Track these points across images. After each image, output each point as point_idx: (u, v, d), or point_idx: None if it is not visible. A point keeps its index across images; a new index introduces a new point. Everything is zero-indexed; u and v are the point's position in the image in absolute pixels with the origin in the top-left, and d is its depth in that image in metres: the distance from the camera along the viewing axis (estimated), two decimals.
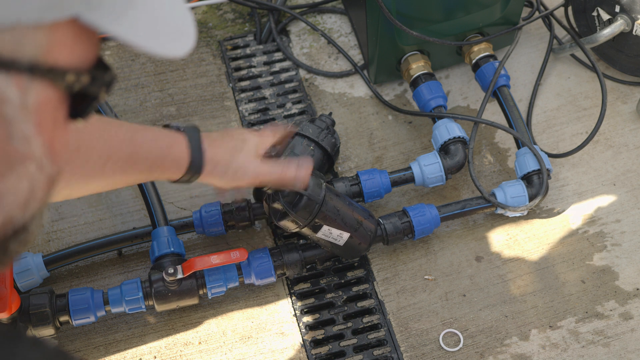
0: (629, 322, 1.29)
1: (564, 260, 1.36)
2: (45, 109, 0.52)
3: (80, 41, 0.52)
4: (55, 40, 0.50)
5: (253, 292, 1.33)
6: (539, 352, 1.26)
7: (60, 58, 0.51)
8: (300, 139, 1.36)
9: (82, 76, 0.53)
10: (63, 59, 0.51)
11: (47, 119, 0.52)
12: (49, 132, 0.53)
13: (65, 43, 0.51)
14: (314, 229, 1.20)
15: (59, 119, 0.54)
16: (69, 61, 0.52)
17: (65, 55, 0.51)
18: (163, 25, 0.54)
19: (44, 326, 1.19)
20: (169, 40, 0.54)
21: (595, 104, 1.55)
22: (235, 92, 1.58)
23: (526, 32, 1.64)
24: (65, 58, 0.51)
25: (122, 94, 1.57)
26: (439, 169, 1.35)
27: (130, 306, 1.22)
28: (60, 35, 0.51)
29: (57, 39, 0.50)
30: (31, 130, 0.51)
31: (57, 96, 0.53)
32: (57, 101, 0.53)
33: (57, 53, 0.51)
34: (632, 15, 1.44)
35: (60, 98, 0.53)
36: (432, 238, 1.38)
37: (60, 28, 0.50)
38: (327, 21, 1.68)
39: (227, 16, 1.70)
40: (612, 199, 1.43)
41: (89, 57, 0.54)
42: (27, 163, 0.52)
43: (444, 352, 1.26)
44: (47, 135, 0.53)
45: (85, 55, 0.53)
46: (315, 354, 1.26)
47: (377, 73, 1.53)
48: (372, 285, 1.34)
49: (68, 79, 0.52)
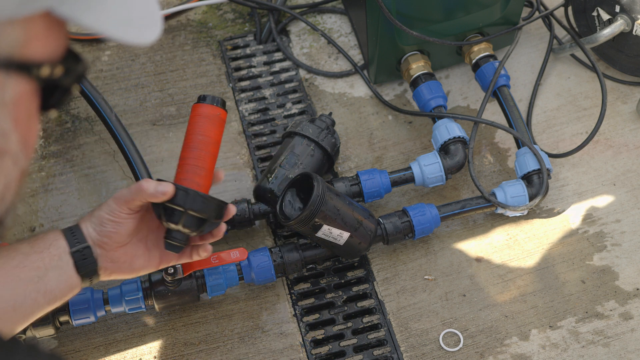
0: (629, 322, 1.29)
1: (564, 260, 1.36)
2: (21, 103, 0.52)
3: (53, 33, 0.53)
4: (30, 34, 0.51)
5: (253, 292, 1.33)
6: (539, 352, 1.26)
7: (35, 51, 0.51)
8: (300, 139, 1.36)
9: (56, 68, 0.53)
10: (38, 52, 0.52)
11: (22, 113, 0.53)
12: (24, 126, 0.53)
13: (39, 36, 0.51)
14: (314, 229, 1.20)
15: (33, 111, 0.54)
16: (43, 54, 0.52)
17: (40, 48, 0.52)
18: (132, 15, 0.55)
19: (44, 326, 1.19)
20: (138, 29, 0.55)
21: (595, 104, 1.55)
22: (235, 92, 1.58)
23: (526, 32, 1.64)
24: (39, 51, 0.52)
25: (122, 94, 1.57)
26: (439, 169, 1.35)
27: (130, 306, 1.22)
28: (34, 29, 0.51)
29: (32, 33, 0.51)
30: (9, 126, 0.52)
31: (32, 89, 0.53)
32: (32, 94, 0.53)
33: (32, 47, 0.51)
34: (632, 15, 1.44)
35: (34, 91, 0.53)
36: (432, 238, 1.38)
37: (34, 22, 0.51)
38: (327, 21, 1.69)
39: (227, 16, 1.70)
40: (612, 199, 1.43)
41: (60, 48, 0.54)
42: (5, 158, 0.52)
43: (444, 352, 1.26)
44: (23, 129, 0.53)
45: (57, 47, 0.54)
46: (315, 354, 1.26)
47: (377, 73, 1.53)
48: (372, 285, 1.34)
49: (43, 71, 0.52)
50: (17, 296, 0.89)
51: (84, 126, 1.52)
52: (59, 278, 0.93)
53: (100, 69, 1.60)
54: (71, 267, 0.94)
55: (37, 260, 0.91)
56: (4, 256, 0.90)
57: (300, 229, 1.20)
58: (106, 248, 0.97)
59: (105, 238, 0.96)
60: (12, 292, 0.89)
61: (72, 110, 1.54)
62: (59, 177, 1.45)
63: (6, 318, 0.89)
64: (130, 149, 1.34)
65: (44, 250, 0.92)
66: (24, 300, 0.90)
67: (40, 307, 0.92)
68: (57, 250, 0.93)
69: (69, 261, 0.93)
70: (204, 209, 0.98)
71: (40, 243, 0.93)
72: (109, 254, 0.97)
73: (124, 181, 1.45)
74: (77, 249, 0.94)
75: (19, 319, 0.91)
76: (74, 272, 0.94)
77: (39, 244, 0.93)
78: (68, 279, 0.94)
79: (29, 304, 0.91)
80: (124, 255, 0.99)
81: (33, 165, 1.46)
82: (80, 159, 1.48)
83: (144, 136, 1.51)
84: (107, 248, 0.97)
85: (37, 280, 0.90)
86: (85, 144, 1.50)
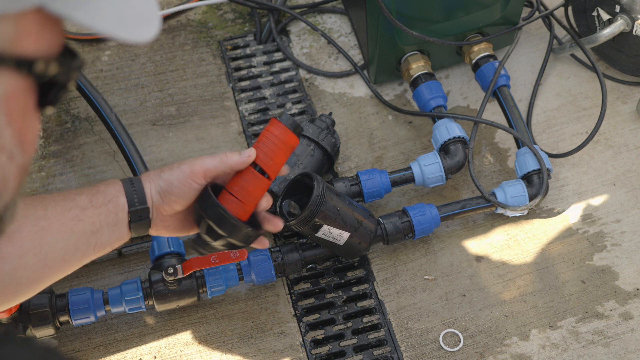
0: (629, 322, 1.29)
1: (564, 260, 1.36)
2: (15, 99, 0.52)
3: (46, 30, 0.53)
4: (22, 30, 0.51)
5: (253, 292, 1.33)
6: (539, 352, 1.26)
7: (27, 47, 0.51)
8: (300, 139, 1.36)
9: (51, 64, 0.53)
10: (30, 48, 0.52)
11: (16, 109, 0.53)
12: (19, 122, 0.53)
13: (32, 32, 0.51)
14: (314, 229, 1.20)
15: (29, 108, 0.55)
16: (37, 50, 0.52)
17: (32, 44, 0.52)
18: (127, 12, 0.54)
19: (44, 326, 1.19)
20: (133, 26, 0.55)
21: (595, 104, 1.55)
22: (235, 92, 1.58)
23: (526, 32, 1.64)
24: (32, 47, 0.52)
25: (122, 94, 1.57)
26: (439, 169, 1.35)
27: (130, 306, 1.22)
28: (26, 25, 0.51)
29: (23, 29, 0.51)
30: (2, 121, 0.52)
31: (26, 86, 0.53)
32: (26, 91, 0.53)
33: (24, 43, 0.51)
34: (632, 15, 1.44)
35: (29, 87, 0.54)
36: (432, 238, 1.38)
37: (25, 18, 0.51)
38: (327, 21, 1.69)
39: (227, 16, 1.70)
40: (612, 199, 1.43)
41: (55, 45, 0.54)
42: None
43: (444, 352, 1.26)
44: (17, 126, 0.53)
45: (51, 43, 0.54)
46: (315, 354, 1.26)
47: (377, 73, 1.53)
48: (372, 285, 1.34)
49: (37, 67, 0.52)
50: (69, 248, 0.90)
51: (84, 126, 1.52)
52: (111, 233, 0.93)
53: (100, 69, 1.60)
54: (125, 224, 0.94)
55: (94, 215, 0.91)
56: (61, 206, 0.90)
57: (300, 229, 1.20)
58: (163, 212, 0.97)
59: (166, 205, 0.96)
60: (65, 244, 0.89)
61: (72, 110, 1.54)
62: (59, 177, 1.45)
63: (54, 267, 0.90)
64: (130, 149, 1.34)
65: (102, 205, 0.92)
66: (75, 252, 0.91)
67: (88, 258, 0.93)
68: (115, 207, 0.93)
69: (124, 218, 0.94)
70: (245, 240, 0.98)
71: (99, 198, 0.93)
72: (164, 217, 0.97)
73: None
74: (136, 209, 0.94)
75: (66, 269, 0.92)
76: (127, 229, 0.94)
77: (97, 199, 0.92)
78: (120, 234, 0.94)
79: (79, 256, 0.92)
80: (175, 221, 0.99)
81: (33, 165, 1.46)
82: (80, 159, 1.48)
83: (144, 136, 1.51)
84: (163, 212, 0.97)
85: (90, 234, 0.91)
86: (85, 144, 1.50)
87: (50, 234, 0.88)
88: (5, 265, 0.84)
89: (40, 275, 0.89)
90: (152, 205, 0.95)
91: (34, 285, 0.90)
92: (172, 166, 0.97)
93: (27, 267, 0.86)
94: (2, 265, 0.84)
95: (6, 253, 0.84)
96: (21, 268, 0.86)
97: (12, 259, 0.85)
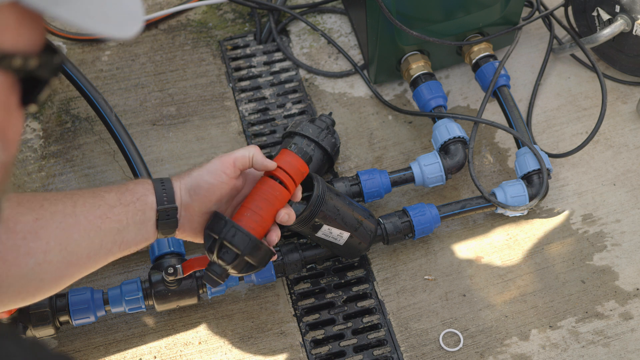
0: (629, 322, 1.29)
1: (564, 260, 1.36)
2: None
3: (25, 25, 0.52)
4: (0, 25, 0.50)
5: (253, 292, 1.33)
6: (539, 352, 1.26)
7: (5, 42, 0.51)
8: (300, 139, 1.36)
9: (30, 60, 0.53)
10: (8, 43, 0.51)
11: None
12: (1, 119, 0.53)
13: (9, 27, 0.51)
14: (314, 229, 1.20)
15: (11, 105, 0.54)
16: (15, 45, 0.52)
17: (10, 39, 0.52)
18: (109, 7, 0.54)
19: (44, 326, 1.19)
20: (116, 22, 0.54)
21: (595, 104, 1.55)
22: (235, 92, 1.58)
23: (526, 32, 1.64)
24: (10, 42, 0.52)
25: (122, 94, 1.57)
26: (439, 169, 1.35)
27: (130, 306, 1.22)
28: (4, 20, 0.51)
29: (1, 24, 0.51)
30: None
31: (8, 82, 0.53)
32: (8, 87, 0.53)
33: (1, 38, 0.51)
34: (632, 15, 1.44)
35: (11, 84, 0.53)
36: (432, 238, 1.38)
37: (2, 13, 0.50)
38: (327, 21, 1.69)
39: (227, 16, 1.70)
40: (612, 199, 1.43)
41: (35, 41, 0.54)
42: None
43: (444, 352, 1.26)
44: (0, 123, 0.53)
45: (31, 39, 0.53)
46: (315, 354, 1.26)
47: (377, 73, 1.53)
48: (372, 285, 1.34)
49: (15, 62, 0.52)
50: (94, 246, 0.89)
51: (84, 126, 1.52)
52: (138, 232, 0.93)
53: (100, 69, 1.60)
54: (152, 223, 0.93)
55: (121, 213, 0.91)
56: (90, 204, 0.89)
57: (300, 229, 1.20)
58: (191, 212, 0.96)
59: (195, 203, 0.95)
60: (91, 242, 0.89)
61: (72, 110, 1.54)
62: (59, 177, 1.45)
63: (79, 264, 0.90)
64: (130, 149, 1.34)
65: (130, 203, 0.92)
66: (100, 250, 0.90)
67: (113, 256, 0.93)
68: (144, 205, 0.93)
69: (152, 217, 0.93)
70: (260, 260, 0.96)
71: (128, 196, 0.92)
72: (192, 218, 0.97)
73: (123, 181, 1.45)
74: (164, 207, 0.93)
75: (90, 266, 0.92)
76: (154, 228, 0.94)
77: (126, 197, 0.92)
78: (146, 233, 0.94)
79: (104, 254, 0.91)
80: (203, 222, 0.98)
81: (33, 165, 1.47)
82: (80, 159, 1.48)
83: (144, 136, 1.51)
84: (191, 212, 0.96)
85: (117, 232, 0.90)
86: (85, 144, 1.50)
87: (77, 231, 0.88)
88: (30, 260, 0.84)
89: (64, 272, 0.89)
90: (181, 204, 0.95)
91: (57, 282, 0.89)
92: (202, 164, 0.98)
93: (51, 264, 0.86)
94: (27, 260, 0.83)
95: (32, 248, 0.84)
96: (45, 264, 0.85)
97: (38, 254, 0.84)
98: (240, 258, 0.95)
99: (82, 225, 0.88)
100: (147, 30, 1.66)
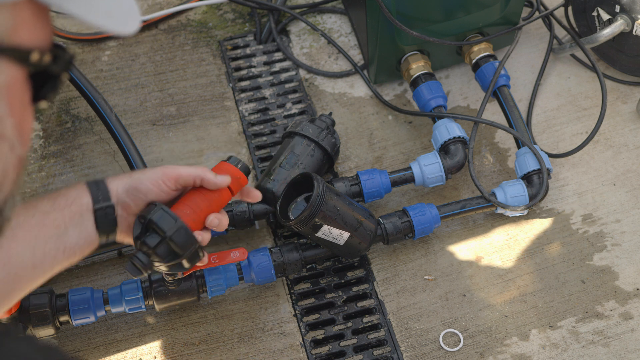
0: (629, 322, 1.29)
1: (564, 260, 1.36)
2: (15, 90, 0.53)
3: (39, 20, 0.54)
4: (19, 20, 0.52)
5: (253, 292, 1.33)
6: (539, 352, 1.26)
7: (24, 37, 0.52)
8: (300, 139, 1.36)
9: (45, 55, 0.54)
10: (27, 38, 0.53)
11: (16, 100, 0.54)
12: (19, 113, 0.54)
13: (27, 22, 0.52)
14: (314, 229, 1.20)
15: (26, 101, 0.55)
16: (32, 40, 0.53)
17: (28, 34, 0.53)
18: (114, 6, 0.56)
19: (44, 326, 1.19)
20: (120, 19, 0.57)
21: (595, 104, 1.55)
22: (235, 92, 1.58)
23: (526, 32, 1.64)
24: (28, 37, 0.53)
25: (122, 94, 1.57)
26: (439, 169, 1.35)
27: (130, 306, 1.22)
28: (22, 15, 0.52)
29: (20, 19, 0.52)
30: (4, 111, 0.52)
31: (23, 77, 0.54)
32: (23, 82, 0.54)
33: (21, 32, 0.52)
34: (632, 15, 1.44)
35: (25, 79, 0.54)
36: (432, 238, 1.38)
37: (21, 8, 0.51)
38: (327, 21, 1.69)
39: (227, 16, 1.70)
40: (612, 199, 1.43)
41: (47, 36, 0.55)
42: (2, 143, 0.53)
43: (444, 352, 1.26)
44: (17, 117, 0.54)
45: (44, 34, 0.55)
46: (315, 354, 1.26)
47: (377, 73, 1.53)
48: (372, 285, 1.34)
49: (33, 57, 0.53)
50: (36, 255, 0.89)
51: (84, 126, 1.52)
52: (79, 235, 0.92)
53: (100, 69, 1.60)
54: (91, 223, 0.93)
55: (58, 218, 0.91)
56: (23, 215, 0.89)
57: (300, 229, 1.20)
58: (129, 211, 0.96)
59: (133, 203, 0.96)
60: (31, 252, 0.89)
61: (72, 110, 1.54)
62: (59, 177, 1.45)
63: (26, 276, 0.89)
64: (130, 149, 1.34)
65: (65, 207, 0.92)
66: (43, 259, 0.90)
67: (60, 263, 0.92)
68: (79, 207, 0.92)
69: (90, 218, 0.93)
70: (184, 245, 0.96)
71: (61, 200, 0.92)
72: (129, 218, 0.97)
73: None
74: (101, 206, 0.93)
75: (38, 276, 0.91)
76: (94, 229, 0.94)
77: (60, 201, 0.92)
78: (87, 236, 0.93)
79: (49, 262, 0.91)
80: None
81: (33, 165, 1.46)
82: (80, 159, 1.48)
83: (144, 136, 1.51)
84: (129, 212, 0.96)
85: (57, 238, 0.90)
86: (85, 144, 1.50)
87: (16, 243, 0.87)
88: None
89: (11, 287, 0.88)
90: (118, 202, 0.95)
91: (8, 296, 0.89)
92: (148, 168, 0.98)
93: None
94: None
95: None
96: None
97: None
98: (164, 242, 0.95)
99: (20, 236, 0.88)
100: (147, 30, 1.67)
